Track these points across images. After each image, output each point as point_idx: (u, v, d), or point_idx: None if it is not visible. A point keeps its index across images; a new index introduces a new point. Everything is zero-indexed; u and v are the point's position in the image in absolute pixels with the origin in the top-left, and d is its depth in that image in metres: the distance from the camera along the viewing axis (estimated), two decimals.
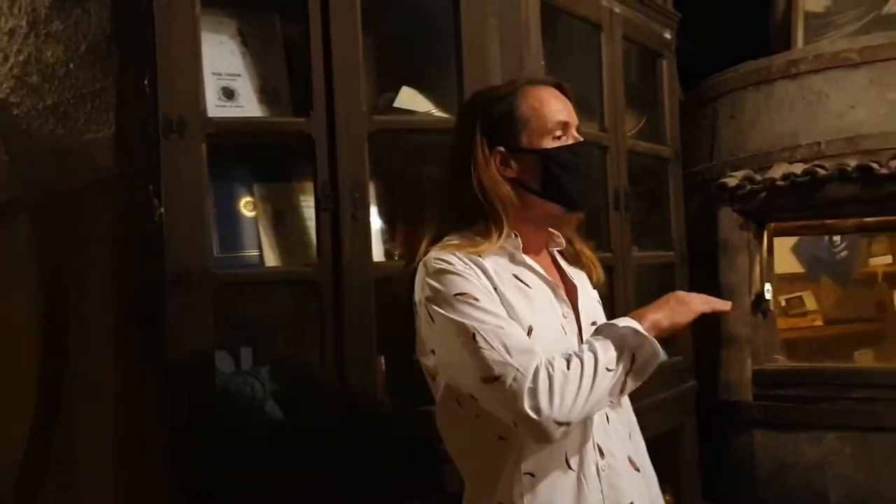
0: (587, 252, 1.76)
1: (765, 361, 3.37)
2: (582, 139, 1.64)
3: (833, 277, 4.52)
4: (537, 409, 1.39)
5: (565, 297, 1.63)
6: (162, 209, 1.96)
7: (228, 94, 2.14)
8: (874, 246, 4.40)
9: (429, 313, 1.52)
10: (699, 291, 3.17)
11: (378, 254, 2.21)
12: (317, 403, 2.11)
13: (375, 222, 2.23)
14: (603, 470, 1.55)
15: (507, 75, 2.20)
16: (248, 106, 2.15)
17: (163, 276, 1.94)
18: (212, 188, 2.06)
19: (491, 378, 1.42)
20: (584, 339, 1.58)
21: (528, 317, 1.52)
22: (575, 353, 1.45)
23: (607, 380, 1.43)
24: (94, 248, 2.17)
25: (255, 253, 2.17)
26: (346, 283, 2.05)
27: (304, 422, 2.11)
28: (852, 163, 3.11)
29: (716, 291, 3.41)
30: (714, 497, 3.21)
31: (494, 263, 1.55)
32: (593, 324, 1.65)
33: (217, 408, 1.99)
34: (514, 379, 1.40)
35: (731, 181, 3.34)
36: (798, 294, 4.44)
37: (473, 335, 1.44)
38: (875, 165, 3.02)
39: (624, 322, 1.49)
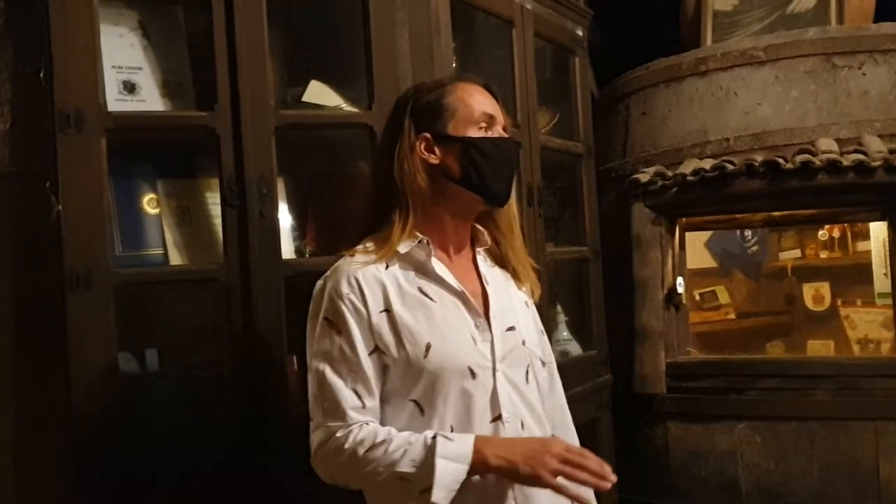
0: (521, 268, 1.74)
1: (678, 355, 3.43)
2: (508, 136, 1.66)
3: (744, 272, 4.62)
4: (318, 465, 1.54)
5: (477, 307, 1.61)
6: (60, 206, 1.89)
7: (129, 87, 2.08)
8: (783, 241, 4.51)
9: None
10: (613, 286, 3.25)
11: (288, 251, 2.17)
12: (225, 405, 2.06)
13: (285, 219, 2.19)
14: (515, 499, 1.54)
15: (417, 70, 2.20)
16: (151, 100, 2.10)
17: (62, 275, 1.88)
18: (113, 185, 2.00)
19: (310, 413, 1.55)
20: (498, 346, 1.58)
21: (427, 333, 1.53)
22: (391, 442, 1.45)
23: (396, 485, 1.44)
24: None
25: (159, 252, 2.12)
26: (255, 282, 2.01)
27: (212, 425, 2.05)
28: (759, 158, 3.18)
29: (629, 286, 3.46)
30: (629, 488, 3.25)
31: (401, 276, 1.57)
32: (510, 329, 1.63)
33: (121, 412, 1.93)
34: (317, 429, 1.52)
35: (643, 177, 3.39)
36: (711, 288, 4.52)
37: (315, 369, 1.54)
38: (781, 161, 3.10)
39: (453, 450, 1.43)
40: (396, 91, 2.14)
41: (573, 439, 1.78)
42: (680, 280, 3.42)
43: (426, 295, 1.57)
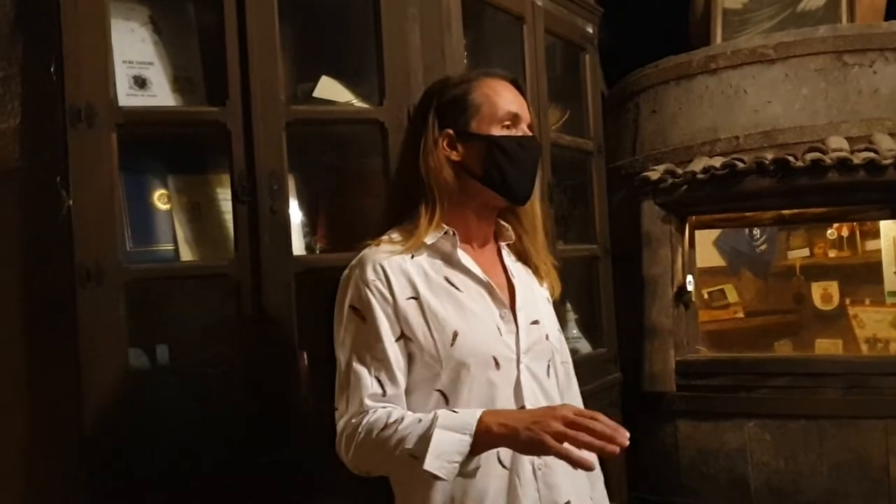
0: (542, 266, 1.74)
1: (687, 352, 3.42)
2: (531, 134, 1.65)
3: (753, 271, 4.61)
4: (341, 454, 1.54)
5: (503, 298, 1.61)
6: (70, 202, 1.89)
7: (140, 82, 2.07)
8: (792, 240, 4.49)
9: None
10: (623, 284, 3.25)
11: (298, 248, 2.16)
12: (234, 402, 2.05)
13: (295, 215, 2.19)
14: (539, 469, 1.55)
15: (428, 65, 2.19)
16: (162, 95, 2.09)
17: (72, 271, 1.88)
18: (124, 180, 1.99)
19: (335, 403, 1.56)
20: (522, 338, 1.58)
21: (454, 322, 1.53)
22: (402, 422, 1.43)
23: (409, 464, 1.41)
24: None
25: (170, 247, 2.11)
26: (265, 278, 2.00)
27: (221, 422, 2.05)
28: (769, 156, 3.17)
29: (639, 283, 3.45)
30: (639, 486, 3.24)
31: (427, 266, 1.57)
32: (534, 322, 1.64)
33: (131, 409, 1.92)
34: (340, 418, 1.53)
35: (653, 175, 3.38)
36: (720, 287, 4.51)
37: (340, 357, 1.55)
38: (791, 159, 3.09)
39: (454, 422, 1.41)
40: (408, 86, 2.15)
41: None
42: (690, 278, 3.41)
43: (452, 284, 1.57)
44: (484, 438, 1.39)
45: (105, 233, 1.91)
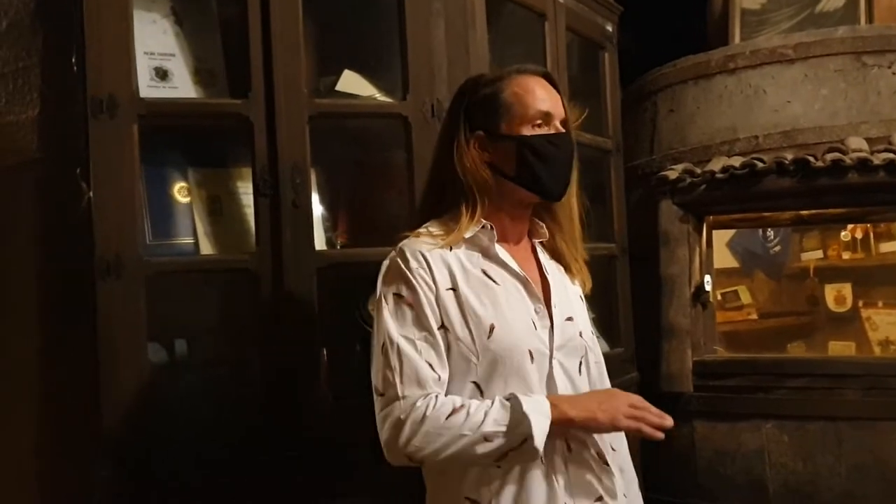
0: (574, 263, 1.74)
1: (705, 353, 3.39)
2: (564, 131, 1.63)
3: (766, 272, 4.58)
4: (396, 439, 1.46)
5: (538, 293, 1.61)
6: (90, 194, 1.87)
7: (162, 74, 2.06)
8: (806, 241, 4.47)
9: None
10: (638, 284, 3.22)
11: (319, 242, 2.14)
12: (255, 398, 2.03)
13: (316, 210, 2.17)
14: (571, 463, 1.55)
15: (452, 60, 2.18)
16: (183, 87, 2.08)
17: (91, 264, 1.87)
18: (143, 173, 1.98)
19: (378, 391, 1.51)
20: (556, 334, 1.58)
21: (491, 315, 1.53)
22: (470, 406, 1.46)
23: (481, 447, 1.44)
24: (16, 235, 2.06)
25: (189, 241, 2.10)
26: (287, 273, 1.99)
27: (240, 418, 2.03)
28: (789, 156, 3.15)
29: (656, 283, 3.42)
30: (656, 487, 3.21)
31: (465, 258, 1.57)
32: (569, 319, 1.64)
33: (149, 403, 1.90)
34: (393, 402, 1.47)
35: (672, 174, 3.36)
36: (733, 288, 4.49)
37: (384, 344, 1.51)
38: (811, 159, 3.06)
39: (535, 406, 1.46)
40: (431, 81, 2.13)
41: (620, 436, 1.74)
42: (707, 278, 3.39)
43: (490, 277, 1.57)
44: (561, 421, 1.47)
45: (125, 225, 1.90)
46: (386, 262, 1.58)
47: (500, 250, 1.60)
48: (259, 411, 2.00)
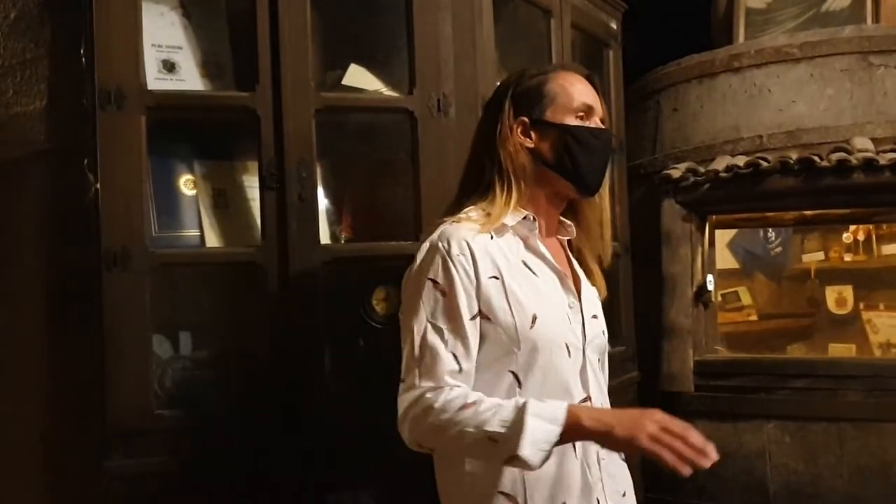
0: (594, 267, 1.73)
1: (706, 352, 3.40)
2: (605, 128, 1.65)
3: (767, 274, 4.58)
4: (403, 427, 1.48)
5: (572, 287, 1.62)
6: (97, 185, 1.88)
7: (169, 66, 2.06)
8: (807, 243, 4.47)
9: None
10: (642, 282, 3.22)
11: (324, 236, 2.14)
12: (259, 391, 2.03)
13: (321, 203, 2.17)
14: (603, 459, 1.57)
15: (459, 55, 2.18)
16: (190, 80, 2.08)
17: (97, 254, 1.87)
18: (150, 165, 1.98)
19: (401, 376, 1.51)
20: (587, 329, 1.60)
21: (534, 305, 1.53)
22: (481, 403, 1.43)
23: (484, 446, 1.41)
24: (23, 226, 2.06)
25: (195, 233, 2.10)
26: (292, 266, 1.99)
27: (246, 409, 2.03)
28: (794, 156, 3.15)
29: (658, 282, 3.42)
30: (655, 487, 3.21)
31: (507, 248, 1.57)
32: (594, 316, 1.65)
33: (154, 396, 1.91)
34: (409, 391, 1.48)
35: (675, 173, 3.36)
36: (734, 289, 4.49)
37: (413, 330, 1.50)
38: (816, 158, 3.06)
39: (545, 411, 1.41)
40: (438, 76, 2.13)
41: None
42: (710, 277, 3.39)
43: (529, 269, 1.57)
44: (571, 430, 1.40)
45: (132, 217, 1.91)
46: (426, 245, 1.57)
47: (539, 243, 1.61)
48: (263, 403, 1.99)
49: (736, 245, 4.49)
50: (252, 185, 2.11)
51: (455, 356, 1.48)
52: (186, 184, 2.10)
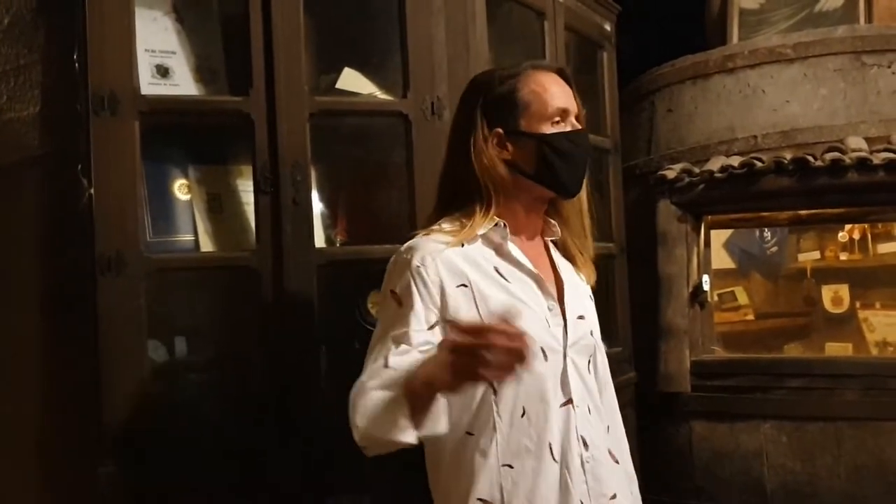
0: (579, 256, 1.73)
1: (703, 353, 3.40)
2: (581, 127, 1.64)
3: (763, 273, 4.59)
4: (353, 424, 1.44)
5: (551, 290, 1.61)
6: (91, 190, 1.87)
7: (163, 71, 2.06)
8: (803, 242, 4.47)
9: None
10: (638, 283, 3.22)
11: (319, 240, 2.14)
12: (254, 395, 2.03)
13: (316, 207, 2.17)
14: (587, 462, 1.55)
15: (452, 58, 2.18)
16: (184, 85, 2.08)
17: (92, 260, 1.86)
18: (144, 170, 1.98)
19: None
20: (569, 332, 1.59)
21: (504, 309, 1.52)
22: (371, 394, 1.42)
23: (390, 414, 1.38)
24: (17, 231, 2.06)
25: (189, 238, 2.10)
26: (287, 270, 1.98)
27: (242, 413, 2.03)
28: (788, 155, 3.15)
29: (654, 283, 3.43)
30: (653, 488, 3.21)
31: (479, 255, 1.57)
32: (580, 317, 1.64)
33: (149, 401, 1.90)
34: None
35: (670, 173, 3.36)
36: (730, 289, 4.49)
37: (371, 340, 1.54)
38: (810, 158, 3.07)
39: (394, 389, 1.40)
40: (431, 79, 2.13)
41: (624, 436, 1.78)
42: (705, 277, 3.39)
43: (502, 275, 1.57)
44: (423, 388, 1.35)
45: (127, 222, 1.90)
46: (392, 258, 1.59)
47: (513, 248, 1.60)
48: (259, 408, 1.99)
49: (732, 245, 4.49)
50: (246, 190, 2.11)
51: (387, 363, 1.47)
52: (181, 188, 2.10)
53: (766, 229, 4.34)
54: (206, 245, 2.09)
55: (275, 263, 1.98)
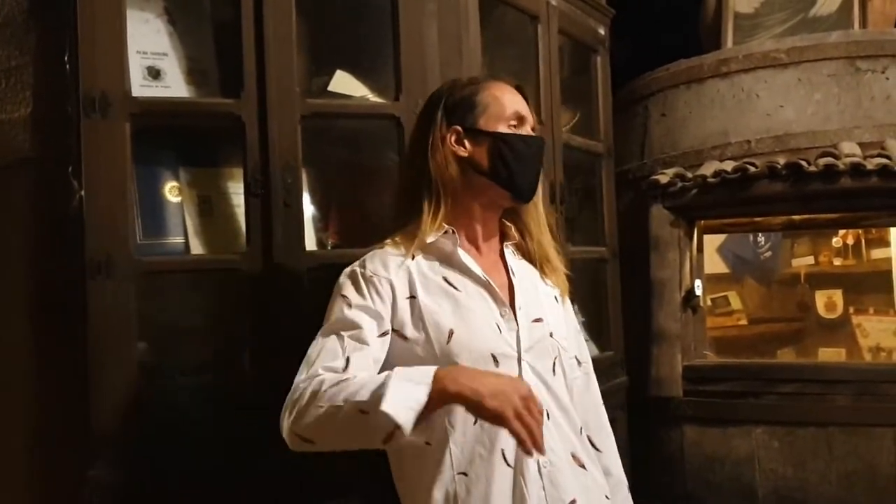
0: (546, 264, 1.74)
1: (695, 357, 3.40)
2: (537, 135, 1.69)
3: (757, 278, 4.59)
4: (282, 423, 1.47)
5: (503, 297, 1.62)
6: (82, 192, 1.87)
7: (154, 73, 2.05)
8: (797, 247, 4.48)
9: None
10: (630, 287, 3.22)
11: (310, 243, 2.14)
12: (245, 398, 2.02)
13: (307, 210, 2.16)
14: (545, 467, 1.54)
15: (445, 62, 2.18)
16: (175, 87, 2.07)
17: (82, 262, 1.85)
18: (135, 172, 1.96)
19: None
20: (523, 336, 1.59)
21: (450, 321, 1.56)
22: (355, 379, 1.41)
23: (357, 420, 1.36)
24: (7, 233, 2.05)
25: (180, 240, 2.08)
26: (277, 273, 1.98)
27: (232, 417, 2.02)
28: (782, 161, 3.16)
29: (646, 287, 3.43)
30: (644, 492, 3.21)
31: (426, 266, 1.61)
32: (537, 320, 1.64)
33: (139, 404, 1.90)
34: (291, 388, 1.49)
35: (663, 178, 3.37)
36: (723, 294, 4.50)
37: (315, 340, 1.57)
38: (804, 163, 3.08)
39: (418, 376, 1.39)
40: (424, 82, 2.13)
41: (608, 438, 1.79)
42: (698, 282, 3.40)
43: (451, 284, 1.60)
44: (440, 393, 1.36)
45: (117, 224, 1.89)
46: (346, 270, 1.64)
47: (464, 255, 1.62)
48: (248, 411, 1.98)
49: (726, 250, 4.50)
50: (236, 192, 2.10)
51: (348, 361, 1.48)
52: (171, 191, 2.09)
53: (759, 234, 4.35)
54: (197, 247, 2.08)
55: (265, 266, 1.98)
